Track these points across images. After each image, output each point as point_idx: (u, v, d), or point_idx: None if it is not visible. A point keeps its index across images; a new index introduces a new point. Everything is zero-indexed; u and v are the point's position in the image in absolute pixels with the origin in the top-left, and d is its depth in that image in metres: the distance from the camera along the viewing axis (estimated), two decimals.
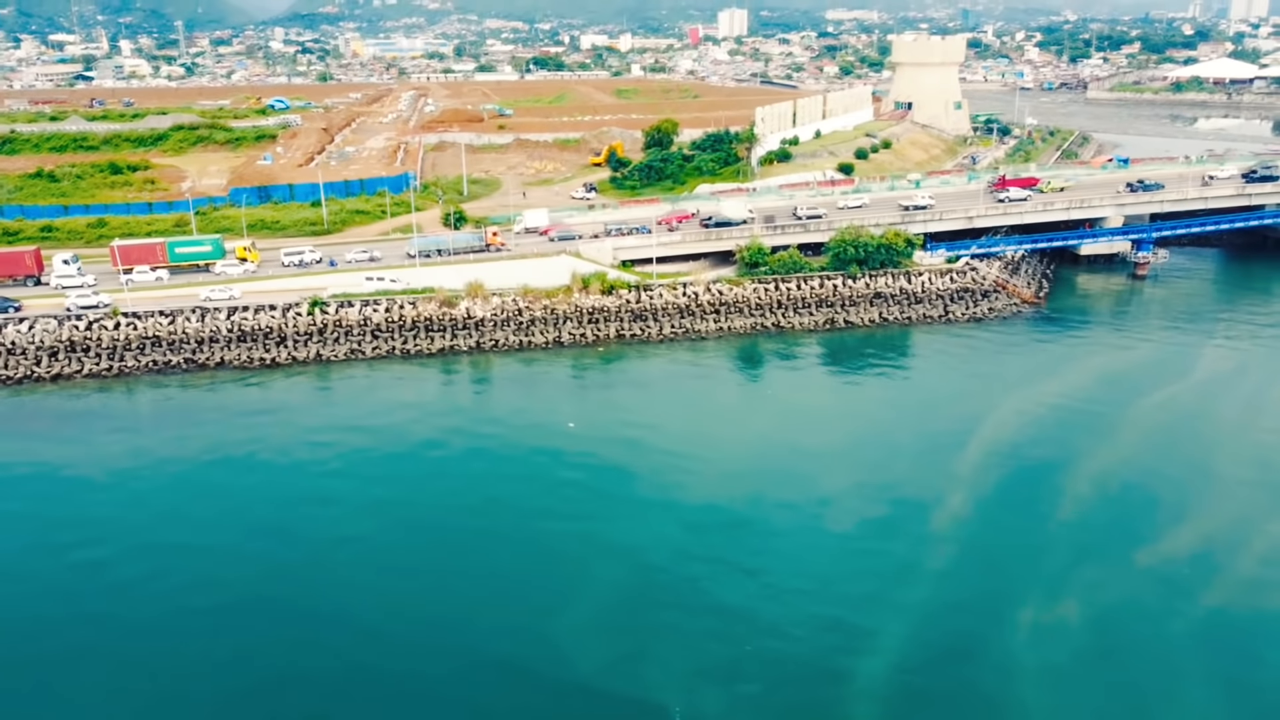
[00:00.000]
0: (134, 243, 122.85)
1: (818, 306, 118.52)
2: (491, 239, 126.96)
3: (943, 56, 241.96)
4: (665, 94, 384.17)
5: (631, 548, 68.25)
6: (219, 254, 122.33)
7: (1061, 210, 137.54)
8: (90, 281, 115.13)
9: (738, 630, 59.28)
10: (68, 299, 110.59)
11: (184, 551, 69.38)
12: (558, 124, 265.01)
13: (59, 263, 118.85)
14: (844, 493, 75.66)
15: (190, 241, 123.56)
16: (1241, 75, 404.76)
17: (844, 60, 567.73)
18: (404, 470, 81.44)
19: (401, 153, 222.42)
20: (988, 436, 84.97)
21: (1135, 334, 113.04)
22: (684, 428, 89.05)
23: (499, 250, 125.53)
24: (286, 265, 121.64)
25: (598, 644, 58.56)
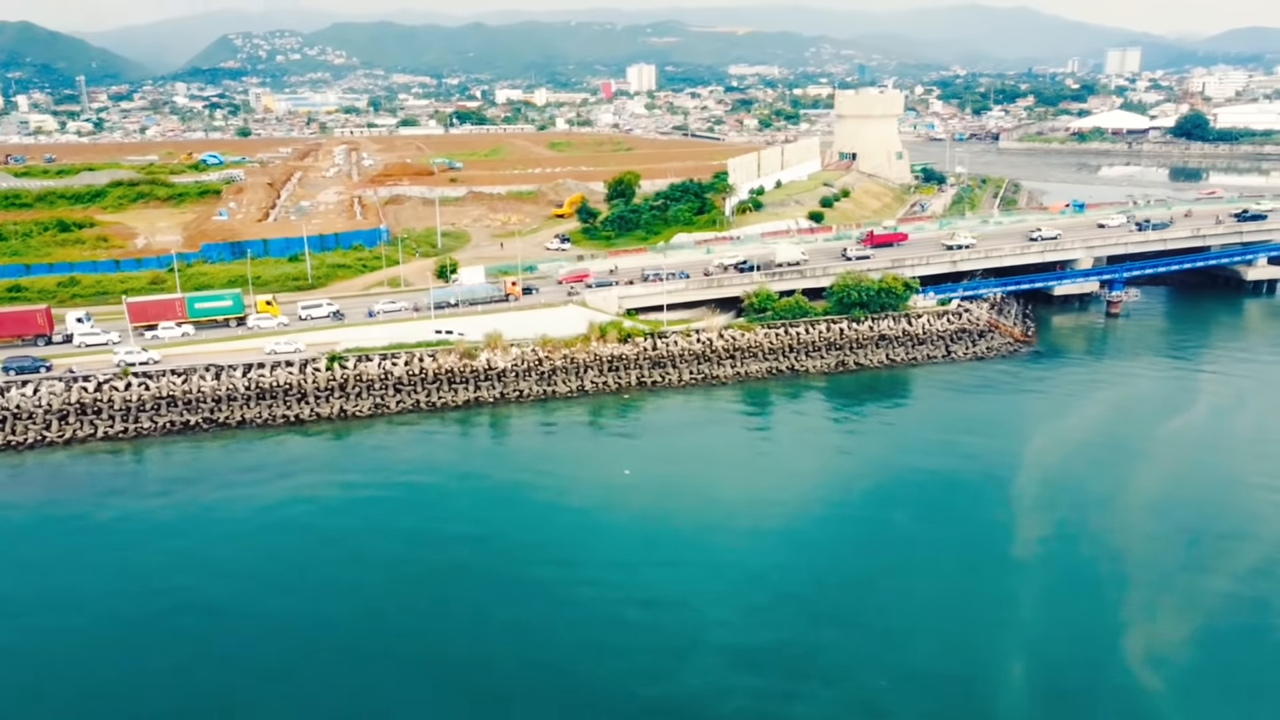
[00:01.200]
0: (150, 299, 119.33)
1: (827, 350, 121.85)
2: (510, 289, 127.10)
3: (884, 109, 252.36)
4: (599, 146, 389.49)
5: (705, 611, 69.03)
6: (239, 308, 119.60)
7: (1037, 254, 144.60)
8: (115, 339, 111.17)
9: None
10: (115, 355, 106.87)
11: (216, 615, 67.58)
12: (508, 177, 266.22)
13: (72, 321, 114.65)
14: (910, 530, 77.94)
15: (211, 296, 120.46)
16: (1137, 126, 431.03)
17: (760, 114, 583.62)
18: (464, 527, 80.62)
19: (358, 207, 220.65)
20: (1030, 470, 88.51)
21: (1128, 367, 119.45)
22: (738, 473, 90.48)
23: (518, 300, 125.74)
24: (304, 319, 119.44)
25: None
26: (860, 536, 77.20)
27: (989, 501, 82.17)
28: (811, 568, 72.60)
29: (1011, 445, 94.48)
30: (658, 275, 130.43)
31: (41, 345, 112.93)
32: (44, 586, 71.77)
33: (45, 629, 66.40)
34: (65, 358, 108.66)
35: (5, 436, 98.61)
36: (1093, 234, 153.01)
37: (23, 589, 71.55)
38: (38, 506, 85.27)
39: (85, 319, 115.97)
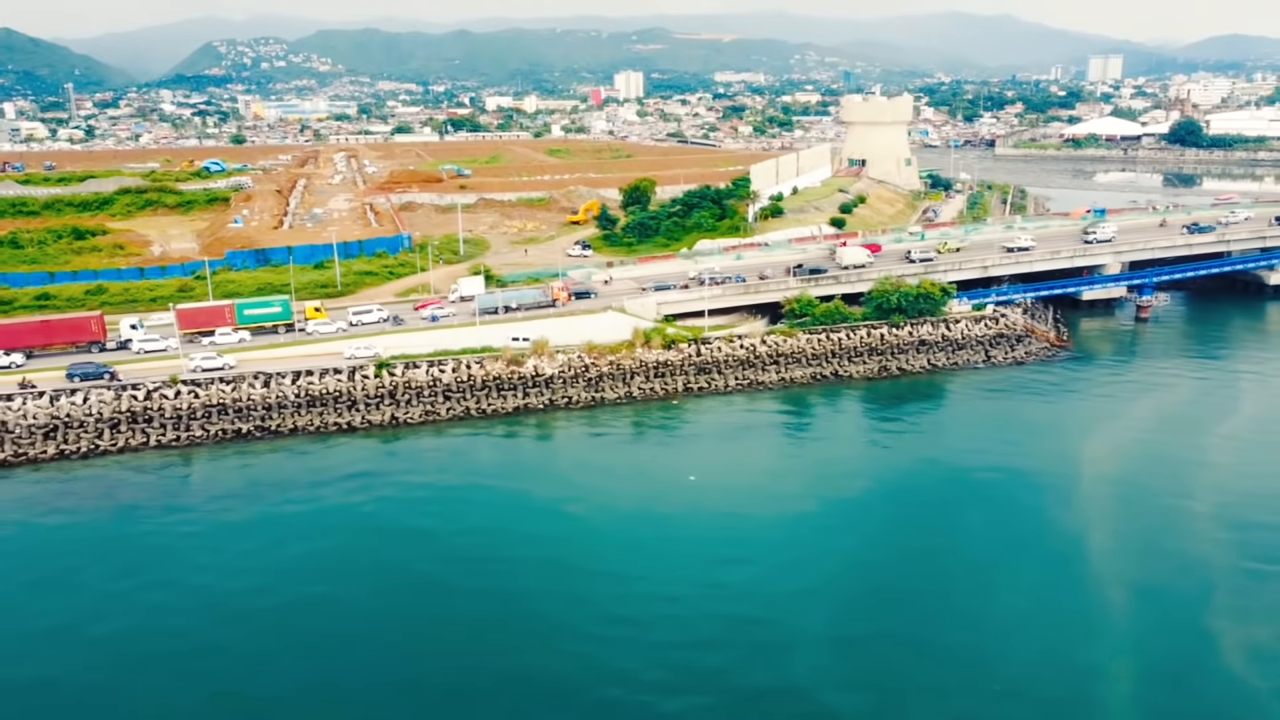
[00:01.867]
0: (199, 306, 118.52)
1: (869, 355, 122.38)
2: (557, 294, 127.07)
3: (893, 115, 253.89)
4: (597, 153, 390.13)
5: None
6: (287, 315, 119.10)
7: (1066, 259, 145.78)
8: (174, 345, 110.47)
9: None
10: (191, 361, 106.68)
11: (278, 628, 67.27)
12: (518, 184, 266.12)
13: (126, 328, 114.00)
14: (985, 536, 78.39)
15: (259, 303, 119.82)
16: (1131, 132, 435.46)
17: (754, 121, 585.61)
18: (537, 530, 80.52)
19: (371, 214, 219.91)
20: (1089, 476, 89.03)
21: (1167, 371, 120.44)
22: (800, 477, 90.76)
23: (565, 305, 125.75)
24: (354, 325, 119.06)
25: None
26: (931, 543, 77.31)
27: (1053, 507, 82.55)
28: (887, 567, 72.82)
29: (1065, 450, 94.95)
30: (713, 279, 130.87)
31: (96, 352, 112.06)
32: (116, 593, 71.08)
33: (118, 636, 65.81)
34: (129, 365, 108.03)
35: (58, 445, 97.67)
36: (1129, 238, 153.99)
37: (90, 598, 70.77)
38: (96, 515, 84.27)
39: (139, 325, 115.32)
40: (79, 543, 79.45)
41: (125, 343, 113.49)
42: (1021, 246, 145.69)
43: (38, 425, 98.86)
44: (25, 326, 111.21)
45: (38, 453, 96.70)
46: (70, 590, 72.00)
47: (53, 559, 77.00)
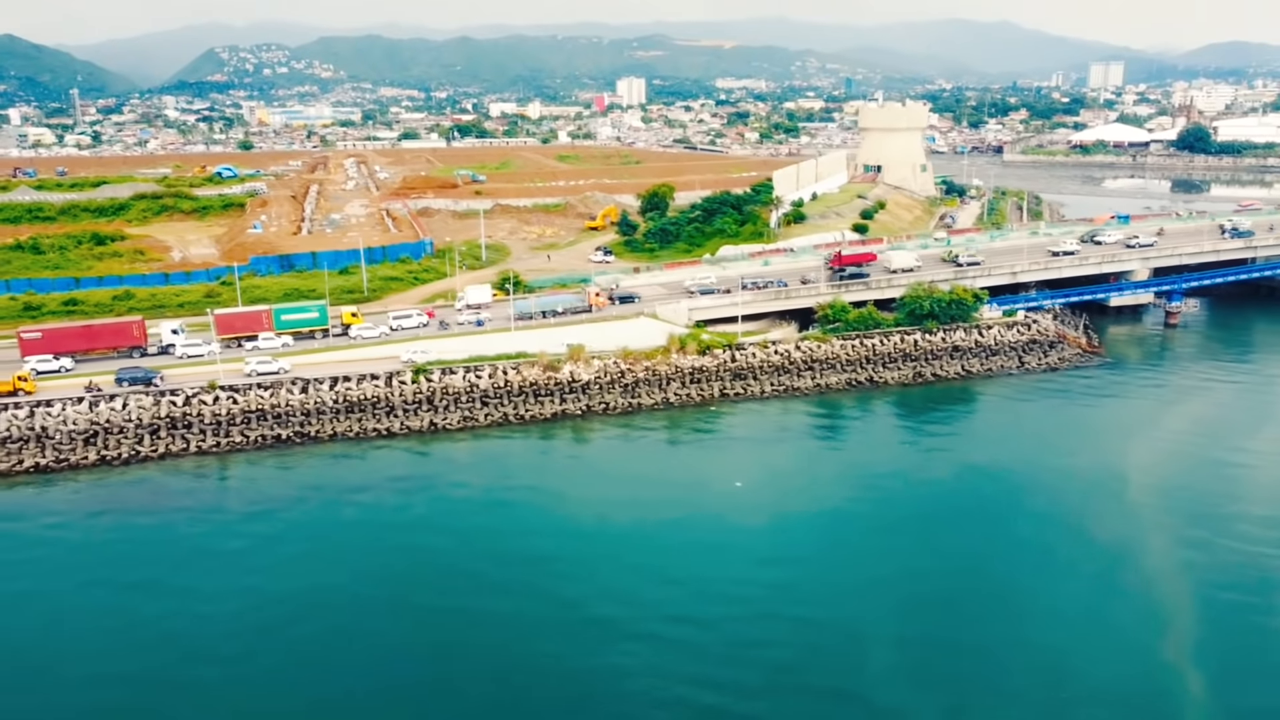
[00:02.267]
0: (237, 311, 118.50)
1: (903, 361, 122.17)
2: (594, 299, 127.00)
3: (908, 122, 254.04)
4: (606, 159, 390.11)
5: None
6: (324, 320, 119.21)
7: (1094, 265, 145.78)
8: (216, 350, 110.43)
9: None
10: (247, 365, 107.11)
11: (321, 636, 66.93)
12: (532, 189, 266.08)
13: (168, 332, 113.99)
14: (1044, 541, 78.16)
15: (296, 308, 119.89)
16: (1138, 139, 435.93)
17: (759, 127, 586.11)
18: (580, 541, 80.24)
19: (389, 220, 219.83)
20: (1140, 482, 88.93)
21: (1204, 377, 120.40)
22: (850, 484, 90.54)
23: (601, 310, 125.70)
24: (394, 330, 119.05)
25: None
26: (981, 547, 77.19)
27: (1102, 512, 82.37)
28: (938, 571, 72.64)
29: (1110, 456, 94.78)
30: (770, 283, 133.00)
31: (137, 356, 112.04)
32: (171, 593, 70.77)
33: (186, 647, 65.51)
34: (174, 370, 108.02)
35: (99, 451, 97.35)
36: (1165, 242, 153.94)
37: (148, 598, 70.46)
38: (144, 519, 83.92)
39: (180, 330, 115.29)
40: (130, 546, 79.35)
41: (166, 348, 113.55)
42: (1067, 250, 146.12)
43: (78, 431, 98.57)
44: (68, 331, 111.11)
45: (79, 458, 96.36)
46: (128, 590, 71.81)
47: (107, 562, 76.81)
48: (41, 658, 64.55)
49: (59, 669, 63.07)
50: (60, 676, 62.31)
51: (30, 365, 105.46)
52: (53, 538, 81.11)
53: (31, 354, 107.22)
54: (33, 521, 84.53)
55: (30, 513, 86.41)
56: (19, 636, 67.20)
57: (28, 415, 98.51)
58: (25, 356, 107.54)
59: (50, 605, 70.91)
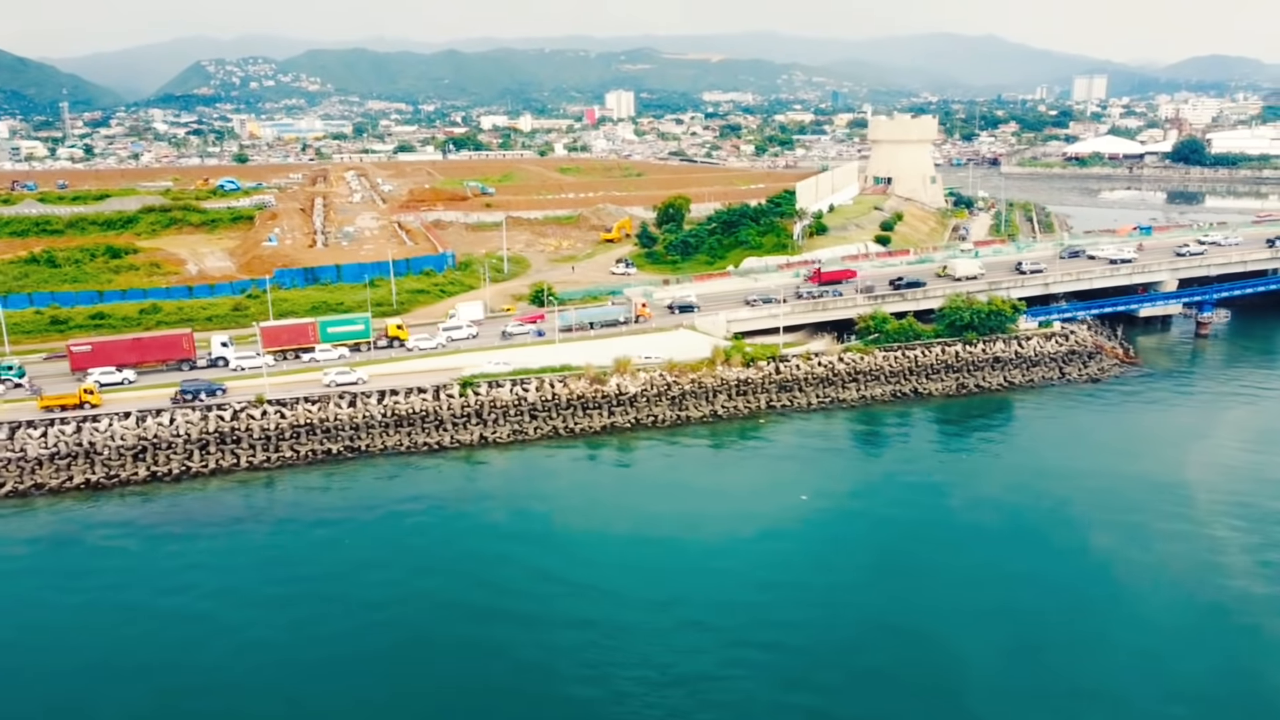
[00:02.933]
0: (283, 324, 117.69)
1: (946, 372, 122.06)
2: (640, 310, 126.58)
3: (919, 134, 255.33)
4: (607, 172, 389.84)
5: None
6: (368, 332, 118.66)
7: (1125, 276, 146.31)
8: (270, 362, 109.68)
9: None
10: (326, 376, 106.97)
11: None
12: (543, 202, 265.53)
13: (218, 345, 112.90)
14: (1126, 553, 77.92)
15: (343, 321, 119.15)
16: (1131, 151, 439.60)
17: (754, 140, 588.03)
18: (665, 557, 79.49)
19: (403, 233, 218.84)
20: (1210, 492, 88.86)
21: (1245, 385, 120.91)
22: (917, 494, 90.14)
23: (649, 321, 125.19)
24: (452, 340, 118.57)
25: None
26: (1060, 561, 76.95)
27: (1181, 525, 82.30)
28: (1017, 580, 72.28)
29: (1179, 469, 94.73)
30: (824, 292, 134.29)
31: (186, 370, 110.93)
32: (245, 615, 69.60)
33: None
34: (235, 382, 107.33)
35: (148, 467, 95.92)
36: (1187, 256, 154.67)
37: (223, 608, 69.29)
38: (206, 534, 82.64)
39: (229, 343, 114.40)
40: (197, 559, 78.08)
41: (216, 360, 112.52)
42: (1125, 259, 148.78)
43: (126, 447, 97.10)
44: (118, 344, 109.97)
45: (129, 474, 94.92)
46: (207, 598, 70.63)
47: (178, 574, 75.65)
48: (130, 663, 63.82)
49: (152, 677, 62.05)
50: (156, 685, 61.27)
51: (93, 378, 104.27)
52: (116, 549, 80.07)
53: (81, 367, 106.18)
54: (95, 533, 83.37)
55: (91, 525, 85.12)
56: (101, 640, 66.15)
57: (75, 431, 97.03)
58: (75, 370, 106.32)
59: (121, 615, 69.84)
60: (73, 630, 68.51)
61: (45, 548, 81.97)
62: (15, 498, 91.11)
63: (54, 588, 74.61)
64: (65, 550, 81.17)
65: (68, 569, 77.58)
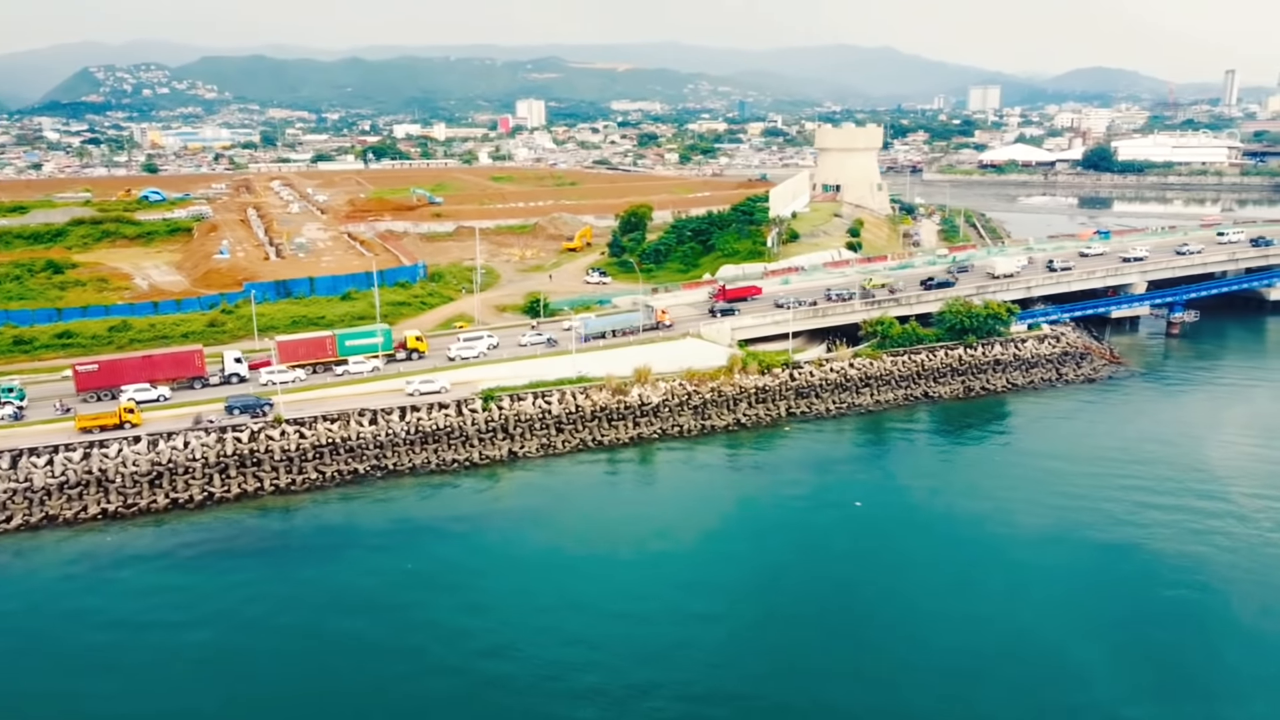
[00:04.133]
0: (300, 338, 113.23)
1: (952, 375, 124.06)
2: (660, 316, 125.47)
3: (865, 142, 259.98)
4: (539, 180, 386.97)
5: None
6: (388, 345, 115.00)
7: (1099, 279, 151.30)
8: (302, 377, 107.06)
9: None
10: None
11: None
12: (493, 211, 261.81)
13: (231, 361, 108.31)
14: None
15: (360, 333, 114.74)
16: (1046, 159, 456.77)
17: (675, 148, 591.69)
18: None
19: (355, 243, 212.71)
20: (1234, 486, 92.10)
21: (1232, 379, 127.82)
22: (970, 497, 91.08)
23: (670, 328, 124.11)
24: (466, 357, 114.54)
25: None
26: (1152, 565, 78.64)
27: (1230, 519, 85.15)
28: (1074, 576, 73.62)
29: (1200, 458, 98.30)
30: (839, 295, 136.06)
31: (199, 386, 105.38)
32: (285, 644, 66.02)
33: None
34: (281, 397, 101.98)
35: (166, 493, 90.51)
36: (1160, 259, 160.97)
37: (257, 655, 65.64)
38: (231, 564, 78.33)
39: (241, 359, 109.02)
40: (245, 589, 73.84)
41: (229, 377, 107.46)
42: (1138, 256, 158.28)
43: (140, 473, 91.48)
44: (126, 363, 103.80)
45: (148, 502, 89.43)
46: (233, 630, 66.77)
47: (202, 601, 71.79)
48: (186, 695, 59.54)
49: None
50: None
51: (128, 395, 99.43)
52: (151, 582, 74.90)
53: (87, 388, 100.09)
54: (128, 566, 77.97)
55: (123, 556, 79.83)
56: (156, 673, 61.77)
57: (82, 458, 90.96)
58: (81, 391, 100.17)
59: (164, 647, 65.56)
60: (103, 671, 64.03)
61: (73, 583, 76.42)
62: (28, 530, 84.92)
63: (89, 625, 69.71)
64: (95, 586, 75.74)
65: (96, 607, 72.48)
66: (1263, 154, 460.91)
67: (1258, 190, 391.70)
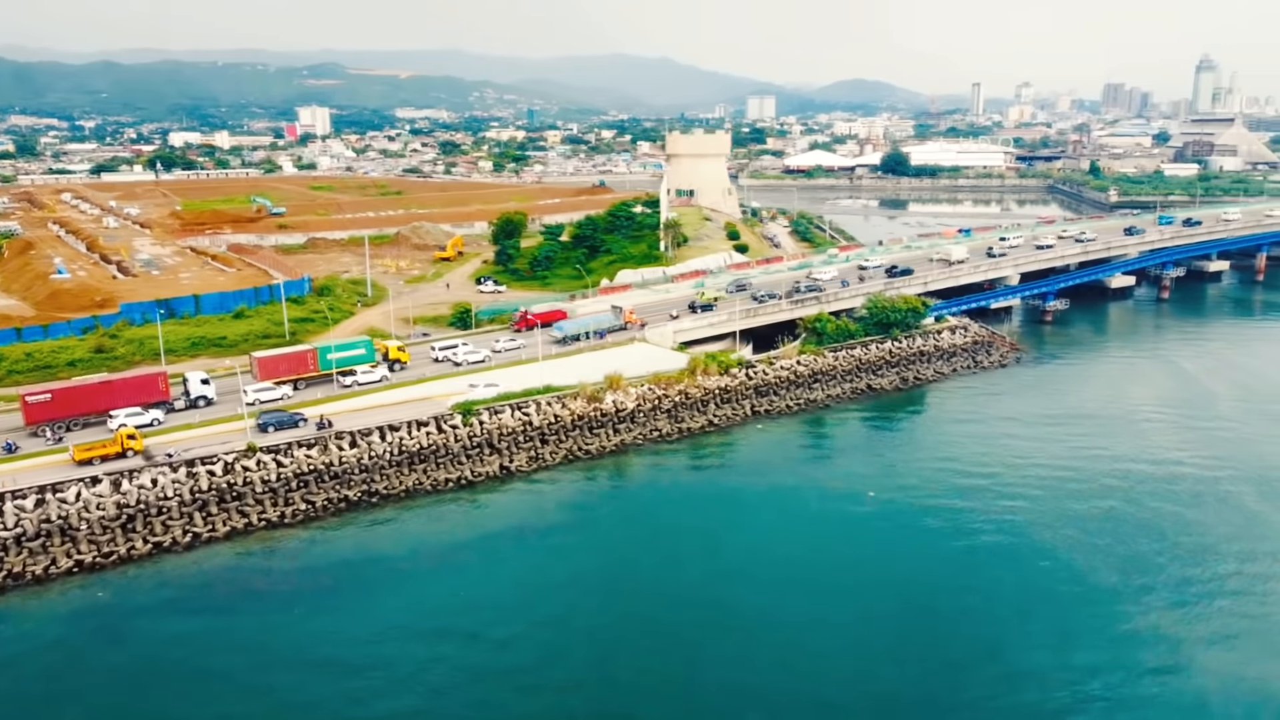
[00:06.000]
0: (281, 353, 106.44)
1: (887, 367, 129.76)
2: (628, 317, 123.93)
3: (715, 148, 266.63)
4: (362, 189, 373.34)
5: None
6: (371, 357, 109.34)
7: (983, 273, 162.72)
8: (289, 393, 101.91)
9: None
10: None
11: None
12: (344, 222, 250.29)
13: (197, 383, 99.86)
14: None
15: (343, 345, 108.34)
16: (847, 164, 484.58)
17: (484, 155, 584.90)
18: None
19: (212, 260, 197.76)
20: (1167, 450, 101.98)
21: (1116, 357, 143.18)
22: (973, 479, 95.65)
23: (640, 329, 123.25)
24: (440, 361, 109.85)
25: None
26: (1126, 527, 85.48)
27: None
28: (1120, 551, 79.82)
29: (1124, 419, 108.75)
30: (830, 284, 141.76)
31: (165, 412, 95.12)
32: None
33: None
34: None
35: (144, 538, 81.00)
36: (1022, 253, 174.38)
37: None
38: (230, 612, 71.54)
39: (208, 380, 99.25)
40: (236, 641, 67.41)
41: (196, 400, 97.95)
42: (1046, 244, 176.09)
43: (108, 518, 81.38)
44: (84, 389, 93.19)
45: (127, 548, 79.70)
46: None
47: (215, 651, 65.06)
48: None
49: None
50: None
51: (119, 421, 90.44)
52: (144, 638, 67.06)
53: (39, 420, 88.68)
54: (127, 622, 69.27)
55: (124, 609, 70.71)
56: None
57: (36, 506, 79.86)
58: (30, 424, 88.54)
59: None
60: None
61: (60, 650, 67.09)
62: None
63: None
64: (91, 648, 66.90)
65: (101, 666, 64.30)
66: (1031, 158, 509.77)
67: (1034, 191, 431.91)
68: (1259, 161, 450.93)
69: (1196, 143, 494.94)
